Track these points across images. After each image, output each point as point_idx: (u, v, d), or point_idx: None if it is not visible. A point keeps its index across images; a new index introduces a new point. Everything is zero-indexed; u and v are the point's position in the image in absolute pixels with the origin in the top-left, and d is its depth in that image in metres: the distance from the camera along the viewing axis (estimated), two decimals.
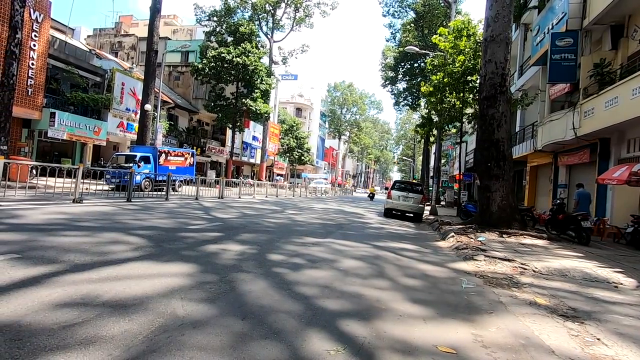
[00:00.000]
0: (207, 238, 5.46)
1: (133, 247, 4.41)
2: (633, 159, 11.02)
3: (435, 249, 7.02)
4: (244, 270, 3.80)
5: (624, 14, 12.27)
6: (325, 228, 8.42)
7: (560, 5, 14.13)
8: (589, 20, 12.86)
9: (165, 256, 4.06)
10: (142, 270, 3.47)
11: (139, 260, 3.81)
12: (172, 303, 2.67)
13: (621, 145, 12.17)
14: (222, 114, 30.56)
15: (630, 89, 10.03)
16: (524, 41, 20.37)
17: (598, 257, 6.66)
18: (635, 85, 9.80)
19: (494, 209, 8.99)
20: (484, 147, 9.28)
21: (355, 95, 79.52)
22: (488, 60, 9.31)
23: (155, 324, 2.29)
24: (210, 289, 3.08)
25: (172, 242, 4.87)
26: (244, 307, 2.75)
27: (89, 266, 3.41)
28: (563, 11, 13.73)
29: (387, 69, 37.48)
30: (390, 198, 14.30)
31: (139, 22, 41.56)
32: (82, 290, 2.77)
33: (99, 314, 2.36)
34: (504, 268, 5.44)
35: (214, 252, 4.48)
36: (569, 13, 13.40)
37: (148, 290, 2.89)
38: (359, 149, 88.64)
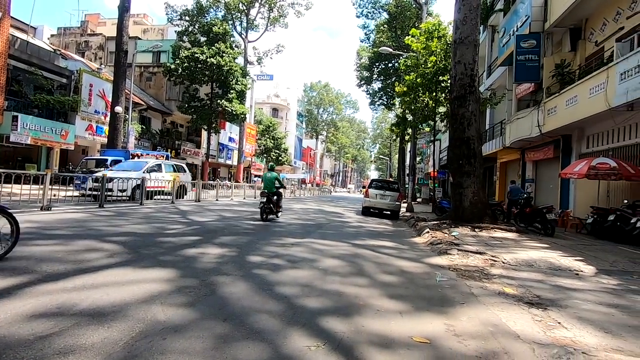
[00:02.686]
0: (186, 242, 5.41)
1: (109, 254, 4.32)
2: (592, 154, 11.72)
3: (411, 245, 7.24)
4: (224, 273, 3.81)
5: (581, 18, 13.01)
6: (305, 228, 8.49)
7: (523, 8, 14.82)
8: (550, 23, 13.55)
9: (143, 262, 4.01)
10: (119, 277, 3.43)
11: (115, 267, 3.76)
12: (152, 309, 2.67)
13: (581, 141, 12.92)
14: (196, 115, 30.01)
15: (588, 89, 10.67)
16: (491, 42, 21.18)
17: (562, 247, 7.08)
18: (593, 84, 10.44)
19: (467, 205, 9.35)
20: (456, 146, 9.64)
21: (332, 95, 79.96)
22: (457, 61, 9.67)
23: (135, 330, 2.30)
24: (191, 292, 3.09)
25: (150, 248, 4.80)
26: (225, 309, 2.78)
27: (64, 275, 3.33)
28: (526, 14, 14.41)
29: (362, 69, 37.95)
30: (368, 196, 14.54)
31: (106, 21, 40.07)
32: (57, 299, 2.72)
33: (77, 323, 2.34)
34: (476, 261, 5.70)
35: (193, 256, 4.46)
36: (531, 16, 14.08)
37: (127, 297, 2.87)
38: (336, 148, 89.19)
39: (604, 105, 9.83)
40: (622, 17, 11.10)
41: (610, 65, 9.71)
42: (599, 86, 10.14)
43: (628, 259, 6.06)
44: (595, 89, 10.31)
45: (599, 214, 9.21)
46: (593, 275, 5.10)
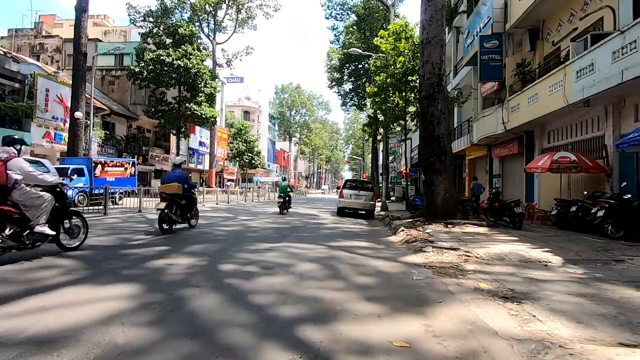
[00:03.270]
0: (152, 253, 5.11)
1: (65, 270, 3.99)
2: (553, 149, 12.26)
3: (387, 244, 7.24)
4: (193, 284, 3.60)
5: (539, 19, 13.63)
6: (280, 232, 8.32)
7: (485, 10, 15.35)
8: (510, 24, 14.11)
9: (103, 278, 3.72)
10: (76, 296, 3.14)
11: (72, 285, 3.45)
12: (111, 330, 2.44)
13: (543, 136, 13.52)
14: (164, 119, 29.01)
15: (547, 86, 11.16)
16: (456, 43, 21.85)
17: (530, 239, 7.32)
18: (552, 82, 10.93)
19: (439, 202, 9.51)
20: (426, 144, 9.79)
21: (304, 97, 79.89)
22: (425, 61, 9.84)
23: (90, 357, 2.07)
24: (155, 309, 2.87)
25: (112, 262, 4.48)
26: (193, 325, 2.60)
27: (11, 298, 3.01)
28: (488, 16, 14.93)
29: (332, 70, 38.11)
30: (342, 197, 14.54)
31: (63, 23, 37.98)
32: (1, 327, 2.43)
33: (21, 353, 2.08)
34: (451, 257, 5.76)
35: (160, 268, 4.20)
36: (493, 17, 14.60)
37: (83, 319, 2.61)
38: (310, 150, 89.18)
39: (562, 102, 10.30)
40: (576, 18, 11.70)
41: (567, 64, 10.20)
42: (558, 84, 10.62)
43: (591, 248, 6.34)
44: (554, 86, 10.80)
45: (562, 206, 9.63)
46: (561, 266, 5.27)
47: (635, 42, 7.81)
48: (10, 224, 4.15)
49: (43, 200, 4.45)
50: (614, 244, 6.64)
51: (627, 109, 9.53)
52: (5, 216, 4.12)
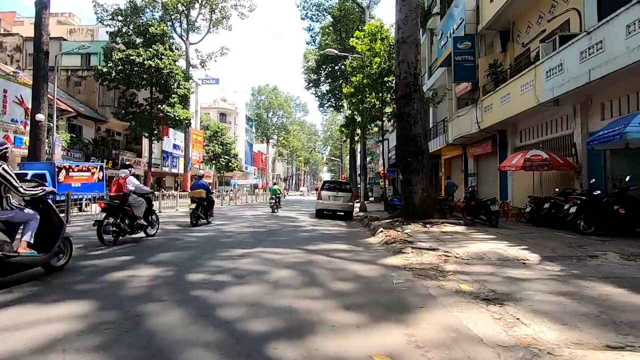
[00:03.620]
0: (114, 264, 4.71)
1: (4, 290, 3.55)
2: (525, 147, 12.55)
3: (366, 246, 7.08)
4: (155, 299, 3.27)
5: (509, 21, 13.96)
6: (256, 236, 8.01)
7: (458, 12, 15.60)
8: (482, 26, 14.38)
9: (52, 295, 3.33)
10: (16, 318, 2.76)
11: (13, 305, 3.06)
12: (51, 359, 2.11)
13: (515, 135, 13.82)
14: (135, 121, 27.91)
15: (519, 86, 11.40)
16: (430, 45, 22.17)
17: (507, 237, 7.36)
18: (523, 82, 11.17)
19: (417, 202, 9.47)
20: (403, 144, 9.75)
21: (281, 99, 79.31)
22: (401, 60, 9.80)
23: None
24: (107, 330, 2.54)
25: (64, 276, 4.07)
26: (150, 347, 2.30)
27: None
28: (461, 17, 15.17)
29: (309, 71, 37.95)
30: (321, 198, 14.34)
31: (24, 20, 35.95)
32: None
33: None
34: (430, 258, 5.65)
35: (119, 281, 3.83)
36: (465, 19, 14.85)
37: (19, 346, 2.26)
38: (288, 152, 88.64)
39: (533, 102, 10.53)
40: (544, 20, 12.03)
41: (537, 64, 10.44)
42: (529, 84, 10.86)
43: (565, 244, 6.41)
44: (526, 86, 11.03)
45: (535, 203, 9.82)
46: (538, 263, 5.26)
47: (602, 43, 8.04)
48: (128, 218, 6.68)
49: (141, 203, 6.97)
50: (587, 239, 6.76)
51: (594, 108, 9.82)
52: (126, 213, 6.67)
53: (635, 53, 7.09)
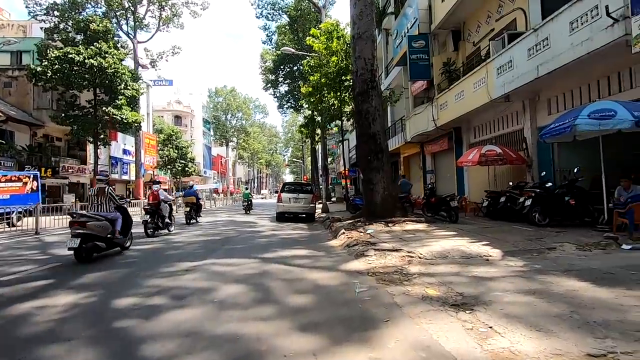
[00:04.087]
0: (24, 291, 3.92)
1: None
2: (479, 143, 12.87)
3: (327, 250, 6.70)
4: (64, 337, 2.63)
5: (460, 20, 14.31)
6: (208, 246, 7.34)
7: (411, 11, 15.78)
8: (435, 25, 14.63)
9: None
10: None
11: None
12: None
13: (469, 132, 14.18)
14: (77, 125, 25.55)
15: (472, 83, 11.63)
16: (386, 45, 22.39)
17: (468, 233, 7.32)
18: (475, 79, 11.41)
19: (378, 200, 9.28)
20: (363, 141, 9.52)
21: (239, 100, 77.44)
22: (358, 56, 9.58)
23: None
24: None
25: None
26: None
27: None
28: (415, 17, 15.35)
29: (267, 72, 37.19)
30: (281, 201, 13.82)
31: None
32: None
33: None
34: (394, 260, 5.38)
35: (23, 315, 3.11)
36: (419, 18, 15.04)
37: None
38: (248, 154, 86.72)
39: (486, 98, 10.77)
40: (492, 19, 12.40)
41: (488, 62, 10.68)
42: (481, 81, 11.10)
43: (524, 237, 6.45)
44: (478, 83, 11.27)
45: (492, 197, 10.00)
46: (501, 259, 5.16)
47: (547, 40, 8.29)
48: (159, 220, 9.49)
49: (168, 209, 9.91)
50: (543, 231, 6.87)
51: (541, 104, 10.20)
52: (159, 216, 9.52)
53: (579, 49, 7.33)
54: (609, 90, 8.01)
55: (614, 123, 5.69)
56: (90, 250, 5.71)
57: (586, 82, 8.68)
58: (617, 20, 6.40)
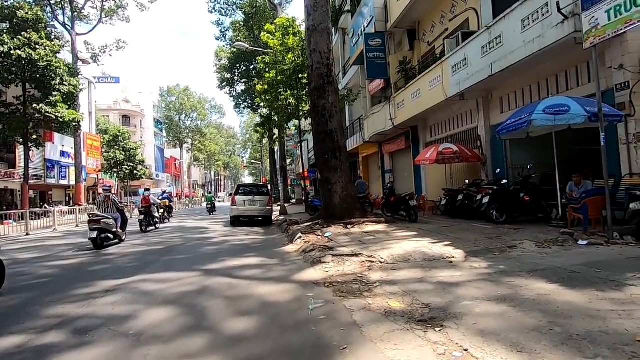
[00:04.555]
0: None
1: None
2: (436, 142, 12.92)
3: (282, 257, 6.10)
4: None
5: (415, 20, 14.35)
6: (144, 258, 6.44)
7: (368, 10, 15.64)
8: (391, 24, 14.56)
9: None
10: None
11: None
12: None
13: (426, 131, 14.24)
14: (3, 125, 22.72)
15: (428, 82, 11.60)
16: (343, 44, 22.20)
17: (428, 232, 7.07)
18: (431, 78, 11.38)
19: (337, 201, 8.84)
20: (320, 139, 9.04)
21: (194, 100, 74.30)
22: (313, 49, 9.08)
23: None
24: None
25: None
26: None
27: None
28: (371, 15, 15.21)
29: (222, 70, 35.73)
30: (235, 204, 12.97)
31: None
32: None
33: None
34: (353, 266, 4.91)
35: None
36: (375, 17, 14.91)
37: None
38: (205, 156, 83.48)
39: (442, 96, 10.75)
40: (446, 19, 12.50)
41: (444, 60, 10.67)
42: (437, 79, 11.08)
43: (484, 235, 6.29)
44: (434, 81, 11.25)
45: (450, 195, 9.96)
46: (464, 260, 4.88)
47: (500, 37, 8.32)
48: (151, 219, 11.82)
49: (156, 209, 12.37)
50: (501, 229, 6.79)
51: (494, 102, 10.34)
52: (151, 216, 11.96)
53: (531, 46, 7.38)
54: (557, 89, 8.18)
55: (568, 118, 5.66)
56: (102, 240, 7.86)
57: (536, 80, 8.84)
58: (567, 17, 6.45)
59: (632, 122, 6.51)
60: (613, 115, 5.79)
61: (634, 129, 6.53)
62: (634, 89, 6.45)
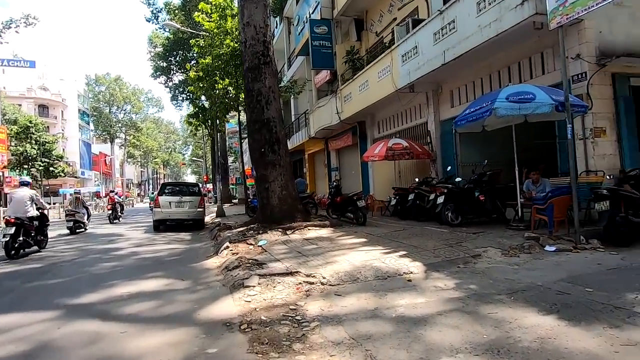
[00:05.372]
0: None
1: None
2: (384, 138, 12.16)
3: (197, 277, 4.68)
4: None
5: (362, 9, 13.52)
6: (1, 284, 4.60)
7: None
8: (337, 11, 13.59)
9: None
10: None
11: None
12: None
13: (374, 126, 13.49)
14: None
15: (376, 72, 10.77)
16: (288, 34, 20.89)
17: (379, 238, 6.08)
18: (380, 68, 10.56)
19: (275, 202, 7.56)
20: (255, 129, 7.68)
21: (127, 91, 67.84)
22: (246, 23, 7.68)
23: None
24: None
25: None
26: None
27: None
28: (317, 0, 14.13)
29: (157, 58, 32.38)
30: (159, 206, 11.08)
31: None
32: None
33: None
34: (286, 291, 3.69)
35: None
36: (321, 2, 13.86)
37: None
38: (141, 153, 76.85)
39: (391, 88, 9.96)
40: (394, 8, 11.78)
41: (393, 48, 9.88)
42: (386, 69, 10.28)
43: (442, 241, 5.44)
44: (383, 72, 10.44)
45: (400, 195, 9.18)
46: (425, 277, 3.91)
47: (454, 22, 7.64)
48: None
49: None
50: (459, 233, 6.01)
51: (444, 96, 9.77)
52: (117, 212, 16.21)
53: (487, 31, 6.73)
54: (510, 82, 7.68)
55: (534, 107, 4.99)
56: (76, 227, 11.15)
57: (488, 73, 8.34)
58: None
59: (589, 116, 6.10)
60: (579, 105, 5.24)
61: (591, 124, 6.13)
62: (591, 80, 6.06)
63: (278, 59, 23.83)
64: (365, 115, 12.99)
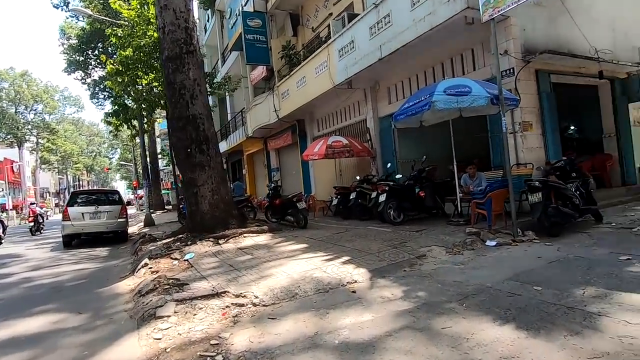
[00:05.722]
0: None
1: None
2: (324, 136, 11.83)
3: (98, 308, 3.79)
4: None
5: (298, 4, 13.05)
6: None
7: None
8: (271, 4, 12.96)
9: None
10: None
11: None
12: None
13: (313, 124, 13.11)
14: None
15: (314, 68, 10.37)
16: (221, 29, 19.71)
17: (321, 243, 5.63)
18: (317, 63, 10.18)
19: (205, 208, 6.75)
20: (179, 127, 6.77)
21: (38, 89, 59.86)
22: (164, 5, 6.73)
23: None
24: None
25: None
26: None
27: None
28: None
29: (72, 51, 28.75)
30: (69, 219, 9.47)
31: None
32: None
33: None
34: (209, 318, 3.03)
35: None
36: None
37: None
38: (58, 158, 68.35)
39: (329, 84, 9.64)
40: (330, 3, 11.49)
41: (330, 43, 9.55)
42: (323, 65, 9.93)
43: (385, 242, 5.16)
44: (320, 67, 10.08)
45: (341, 194, 8.86)
46: (371, 286, 3.52)
47: (389, 16, 7.48)
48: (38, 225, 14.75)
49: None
50: (402, 231, 5.80)
51: (382, 92, 9.68)
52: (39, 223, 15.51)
53: (422, 25, 6.64)
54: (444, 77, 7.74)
55: (470, 100, 4.91)
56: None
57: (423, 69, 8.38)
58: None
59: (517, 111, 6.27)
60: (511, 99, 5.29)
61: (519, 118, 6.32)
62: (518, 75, 6.23)
63: (212, 55, 22.57)
64: (304, 113, 12.55)
